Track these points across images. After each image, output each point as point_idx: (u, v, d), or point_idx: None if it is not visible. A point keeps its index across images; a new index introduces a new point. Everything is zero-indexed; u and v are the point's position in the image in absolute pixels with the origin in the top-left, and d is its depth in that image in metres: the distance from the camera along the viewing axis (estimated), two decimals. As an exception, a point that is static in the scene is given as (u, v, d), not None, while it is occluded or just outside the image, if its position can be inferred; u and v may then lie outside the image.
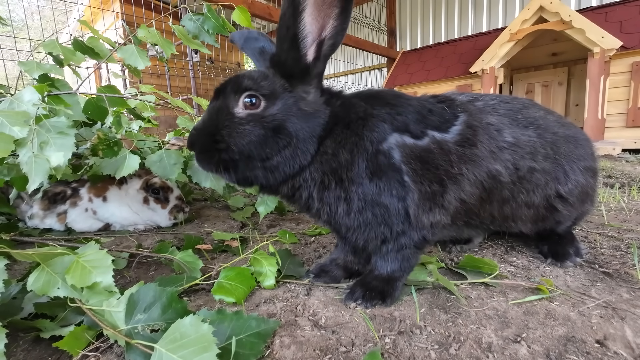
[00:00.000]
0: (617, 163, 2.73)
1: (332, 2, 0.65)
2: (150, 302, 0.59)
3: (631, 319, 0.66)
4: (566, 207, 0.89)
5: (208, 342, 0.49)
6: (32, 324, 0.65)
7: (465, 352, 0.58)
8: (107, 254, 0.65)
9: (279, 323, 0.65)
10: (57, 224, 1.38)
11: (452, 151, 0.75)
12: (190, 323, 0.51)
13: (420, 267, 0.85)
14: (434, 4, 6.42)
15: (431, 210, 0.73)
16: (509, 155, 0.80)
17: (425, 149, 0.73)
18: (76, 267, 0.62)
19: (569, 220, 0.94)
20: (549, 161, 0.85)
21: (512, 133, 0.82)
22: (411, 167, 0.71)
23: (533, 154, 0.83)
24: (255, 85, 0.70)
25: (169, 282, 0.81)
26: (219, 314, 0.61)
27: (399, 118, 0.75)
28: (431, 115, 0.79)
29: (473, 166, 0.76)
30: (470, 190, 0.76)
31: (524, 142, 0.83)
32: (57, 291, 0.61)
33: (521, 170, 0.81)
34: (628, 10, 3.64)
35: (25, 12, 3.16)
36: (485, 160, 0.77)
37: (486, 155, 0.77)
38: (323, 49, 0.69)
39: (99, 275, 0.62)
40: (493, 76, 4.11)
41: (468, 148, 0.76)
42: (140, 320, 0.57)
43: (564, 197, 0.87)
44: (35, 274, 0.62)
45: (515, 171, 0.80)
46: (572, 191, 0.88)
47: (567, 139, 0.90)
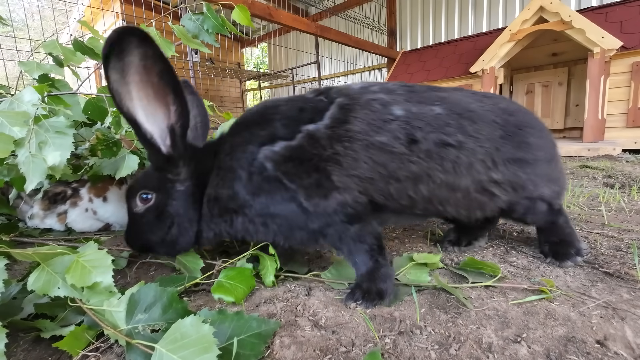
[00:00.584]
0: (617, 163, 2.73)
1: (161, 93, 0.71)
2: (151, 302, 0.59)
3: (631, 319, 0.65)
4: (507, 193, 0.86)
5: (209, 343, 0.48)
6: (32, 324, 0.65)
7: (465, 352, 0.58)
8: (107, 254, 0.65)
9: (279, 324, 0.65)
10: (58, 224, 1.38)
11: (323, 136, 0.77)
12: (191, 323, 0.51)
13: (420, 267, 0.85)
14: (434, 4, 6.42)
15: (327, 196, 0.76)
16: (398, 127, 0.79)
17: (296, 147, 0.77)
18: (76, 267, 0.62)
19: (524, 210, 0.91)
20: (471, 140, 0.82)
21: (404, 107, 0.82)
22: (284, 170, 0.76)
23: (439, 127, 0.81)
24: (143, 183, 0.85)
25: (170, 282, 0.81)
26: (220, 315, 0.61)
27: (262, 132, 0.81)
28: (303, 112, 0.82)
29: (350, 142, 0.77)
30: (359, 165, 0.77)
31: (423, 115, 0.81)
32: (57, 291, 0.61)
33: (422, 142, 0.79)
34: (628, 11, 3.64)
35: (26, 13, 3.16)
36: (364, 134, 0.78)
37: (364, 129, 0.78)
38: (176, 134, 0.76)
39: (99, 275, 0.62)
40: (493, 76, 4.11)
41: (340, 127, 0.78)
42: (141, 320, 0.57)
43: (498, 182, 0.85)
44: (36, 273, 0.62)
45: (411, 143, 0.78)
46: (506, 176, 0.85)
47: (504, 122, 0.88)
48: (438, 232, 1.21)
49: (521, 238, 1.13)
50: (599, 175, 2.27)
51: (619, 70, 3.44)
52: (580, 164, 2.75)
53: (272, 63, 9.52)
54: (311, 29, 4.36)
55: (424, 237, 1.17)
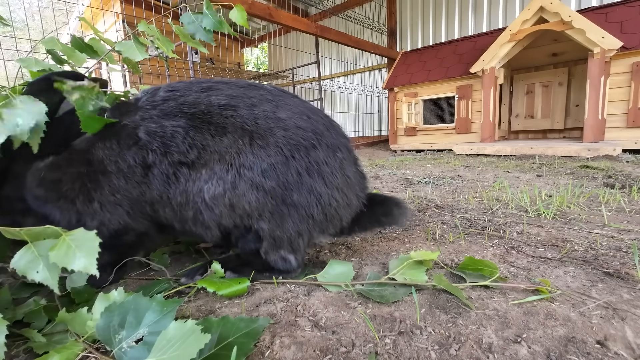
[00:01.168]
0: (617, 163, 2.73)
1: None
2: (125, 316, 0.58)
3: (632, 319, 0.65)
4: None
5: (194, 333, 0.49)
6: (19, 332, 0.64)
7: (465, 353, 0.58)
8: (95, 236, 0.61)
9: (269, 320, 0.65)
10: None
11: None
12: (174, 327, 0.50)
13: (418, 266, 0.84)
14: (434, 5, 6.42)
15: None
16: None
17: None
18: (61, 246, 0.59)
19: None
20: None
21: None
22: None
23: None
24: None
25: (151, 289, 0.80)
26: (205, 322, 0.60)
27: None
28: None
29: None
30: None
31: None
32: (35, 275, 0.57)
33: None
34: (628, 11, 3.64)
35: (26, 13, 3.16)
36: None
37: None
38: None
39: (83, 257, 0.58)
40: (493, 76, 4.11)
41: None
42: (124, 338, 0.55)
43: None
44: (22, 252, 0.59)
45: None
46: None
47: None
48: (438, 233, 1.21)
49: (521, 238, 1.13)
50: (599, 175, 2.27)
51: (619, 70, 3.44)
52: (580, 164, 2.75)
53: (272, 63, 9.53)
54: (311, 29, 4.36)
55: (424, 237, 1.17)
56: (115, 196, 0.81)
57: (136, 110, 0.84)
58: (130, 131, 0.81)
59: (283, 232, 0.81)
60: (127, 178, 0.80)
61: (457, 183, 2.24)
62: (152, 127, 0.81)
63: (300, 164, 0.79)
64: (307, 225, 0.82)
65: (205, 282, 0.79)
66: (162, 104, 0.84)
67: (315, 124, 0.86)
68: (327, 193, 0.82)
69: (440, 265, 0.93)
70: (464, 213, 1.46)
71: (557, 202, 1.53)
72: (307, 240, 0.86)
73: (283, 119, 0.83)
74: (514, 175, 2.49)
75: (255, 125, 0.81)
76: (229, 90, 0.86)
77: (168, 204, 0.83)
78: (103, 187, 0.80)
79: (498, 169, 2.82)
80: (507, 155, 3.75)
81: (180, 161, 0.80)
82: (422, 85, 4.92)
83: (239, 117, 0.81)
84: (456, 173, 2.68)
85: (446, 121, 4.79)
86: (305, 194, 0.79)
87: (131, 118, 0.83)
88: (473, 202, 1.65)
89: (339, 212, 0.86)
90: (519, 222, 1.29)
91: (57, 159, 0.80)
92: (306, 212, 0.80)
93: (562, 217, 1.34)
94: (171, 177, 0.81)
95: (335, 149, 0.86)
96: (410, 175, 2.66)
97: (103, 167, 0.80)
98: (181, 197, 0.82)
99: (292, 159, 0.79)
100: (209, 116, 0.81)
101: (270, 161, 0.78)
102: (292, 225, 0.80)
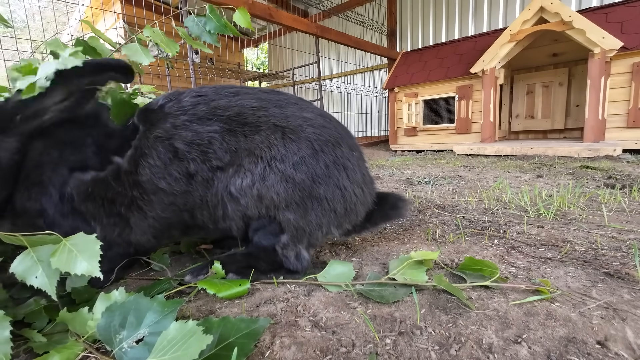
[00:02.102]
0: (617, 164, 2.73)
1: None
2: (136, 318, 0.58)
3: (632, 320, 0.65)
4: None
5: (195, 333, 0.49)
6: (19, 332, 0.64)
7: (465, 353, 0.58)
8: (96, 240, 0.61)
9: (269, 321, 0.65)
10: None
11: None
12: (175, 327, 0.50)
13: (418, 266, 0.84)
14: (434, 5, 6.42)
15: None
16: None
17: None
18: (62, 250, 0.59)
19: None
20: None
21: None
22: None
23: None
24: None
25: (152, 289, 0.80)
26: (206, 323, 0.59)
27: (72, 157, 0.81)
28: (111, 139, 0.85)
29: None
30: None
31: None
32: (34, 280, 0.58)
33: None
34: (629, 11, 3.64)
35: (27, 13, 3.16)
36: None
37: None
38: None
39: (85, 260, 0.59)
40: (494, 77, 4.11)
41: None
42: (125, 338, 0.55)
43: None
44: (21, 257, 0.59)
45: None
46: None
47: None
48: (438, 233, 1.21)
49: (522, 238, 1.12)
50: (600, 175, 2.27)
51: (619, 70, 3.44)
52: (580, 165, 2.74)
53: (272, 63, 9.53)
54: (311, 30, 4.36)
55: (425, 237, 1.17)
56: (164, 213, 0.84)
57: (165, 117, 0.84)
58: (166, 144, 0.82)
59: (306, 224, 0.84)
60: (175, 192, 0.83)
61: (458, 183, 2.24)
62: (189, 136, 0.82)
63: (329, 157, 0.83)
64: (328, 218, 0.85)
65: (206, 284, 0.79)
66: (193, 109, 0.85)
67: (336, 127, 0.92)
68: (350, 187, 0.86)
69: (440, 266, 0.93)
70: (464, 213, 1.46)
71: (558, 202, 1.53)
72: (325, 233, 0.88)
73: (310, 118, 0.88)
74: (514, 175, 2.49)
75: (287, 121, 0.85)
76: (256, 95, 0.90)
77: (206, 207, 0.86)
78: (155, 207, 0.83)
79: (498, 169, 2.82)
80: (507, 156, 3.75)
81: (218, 166, 0.83)
82: (423, 86, 4.92)
83: (271, 116, 0.85)
84: (456, 173, 2.68)
85: (446, 121, 4.79)
86: (332, 187, 0.83)
87: (162, 127, 0.83)
88: (473, 203, 1.65)
89: (357, 207, 0.90)
90: (519, 223, 1.29)
91: (105, 176, 0.81)
92: (330, 205, 0.84)
93: (562, 218, 1.34)
94: (210, 181, 0.84)
95: (353, 148, 0.92)
96: (410, 176, 2.66)
97: (154, 186, 0.82)
98: (215, 198, 0.85)
99: (322, 153, 0.83)
100: (243, 117, 0.84)
101: (301, 154, 0.81)
102: (314, 217, 0.83)
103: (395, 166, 3.41)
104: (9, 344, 0.50)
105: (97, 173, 0.81)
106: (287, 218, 0.83)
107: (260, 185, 0.80)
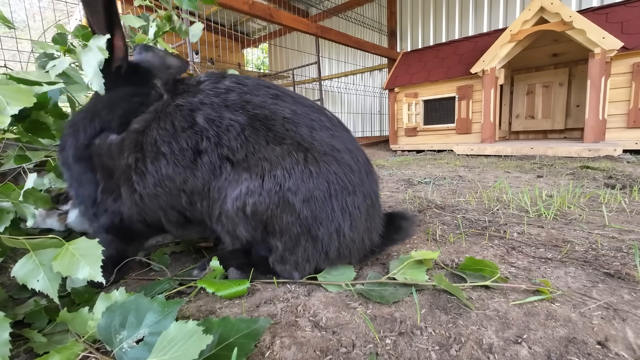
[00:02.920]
0: (618, 164, 2.73)
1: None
2: (135, 317, 0.57)
3: (632, 320, 0.65)
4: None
5: (196, 334, 0.49)
6: (19, 332, 0.64)
7: (466, 353, 0.58)
8: (98, 244, 0.62)
9: (269, 321, 0.65)
10: (57, 223, 1.38)
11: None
12: (175, 328, 0.50)
13: (418, 266, 0.84)
14: (434, 5, 6.43)
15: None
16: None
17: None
18: (64, 255, 0.60)
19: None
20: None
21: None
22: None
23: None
24: None
25: (152, 288, 0.80)
26: (206, 323, 0.60)
27: (106, 117, 0.86)
28: (135, 103, 0.89)
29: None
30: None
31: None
32: (35, 283, 0.58)
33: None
34: (629, 11, 3.64)
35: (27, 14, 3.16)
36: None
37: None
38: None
39: (87, 265, 0.59)
40: (494, 77, 4.11)
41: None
42: (125, 338, 0.55)
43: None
44: (23, 261, 0.59)
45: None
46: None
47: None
48: (438, 233, 1.21)
49: (522, 239, 1.12)
50: (600, 176, 2.27)
51: (619, 70, 3.44)
52: (581, 165, 2.74)
53: (272, 63, 9.53)
54: (312, 30, 4.36)
55: (425, 237, 1.17)
56: (156, 189, 0.83)
57: (196, 92, 0.85)
58: (186, 114, 0.82)
59: (292, 255, 0.82)
60: (176, 162, 0.81)
61: (458, 183, 2.24)
62: (212, 115, 0.81)
63: (339, 204, 0.79)
64: (318, 257, 0.82)
65: (205, 282, 0.79)
66: (225, 94, 0.84)
67: (360, 169, 0.85)
68: (350, 235, 0.82)
69: (440, 266, 0.93)
70: (464, 213, 1.46)
71: (558, 202, 1.53)
72: (314, 268, 0.85)
73: (339, 149, 0.83)
74: (515, 175, 2.49)
75: (312, 145, 0.80)
76: (294, 105, 0.86)
77: (207, 197, 0.84)
78: (147, 180, 0.83)
79: (498, 170, 2.82)
80: (507, 156, 3.75)
81: (229, 157, 0.80)
82: (423, 86, 4.92)
83: (298, 135, 0.81)
84: (457, 173, 2.68)
85: (446, 121, 4.79)
86: (332, 231, 0.79)
87: (188, 99, 0.84)
88: (473, 203, 1.65)
89: (352, 253, 0.86)
90: (519, 223, 1.29)
91: (119, 138, 0.85)
92: (323, 247, 0.81)
93: (562, 218, 1.34)
94: (217, 170, 0.81)
95: (368, 196, 0.86)
96: (410, 176, 2.66)
97: (156, 150, 0.81)
98: (218, 193, 0.82)
99: (335, 199, 0.79)
100: (271, 123, 0.81)
101: (315, 194, 0.77)
102: (303, 253, 0.81)
103: (396, 166, 3.41)
104: (7, 346, 0.50)
105: (116, 135, 0.84)
106: (277, 245, 0.81)
107: (273, 212, 0.77)
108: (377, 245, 0.93)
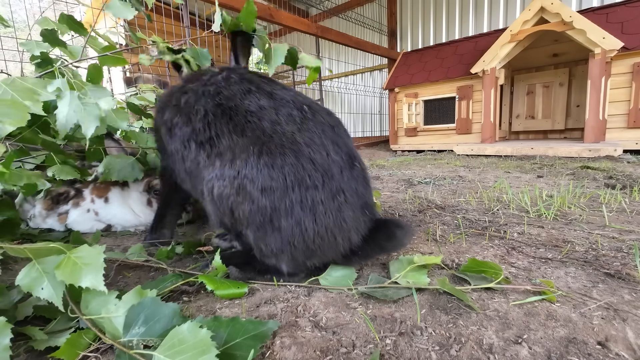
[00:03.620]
0: (618, 164, 2.73)
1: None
2: (151, 316, 0.58)
3: (633, 320, 0.65)
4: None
5: (207, 346, 0.48)
6: (21, 330, 0.64)
7: (466, 354, 0.58)
8: (100, 252, 0.62)
9: (278, 324, 0.65)
10: (57, 223, 1.38)
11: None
12: (188, 329, 0.50)
13: (420, 269, 0.84)
14: (434, 5, 6.42)
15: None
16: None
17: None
18: (67, 263, 0.60)
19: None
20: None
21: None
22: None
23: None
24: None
25: (156, 285, 0.80)
26: (215, 321, 0.60)
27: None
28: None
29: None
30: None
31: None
32: (40, 291, 0.58)
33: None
34: (629, 11, 3.64)
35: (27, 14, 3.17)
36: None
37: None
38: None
39: (90, 273, 0.59)
40: (494, 77, 4.11)
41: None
42: (138, 334, 0.56)
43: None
44: (26, 269, 0.59)
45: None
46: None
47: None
48: (439, 233, 1.21)
49: (522, 239, 1.12)
50: (600, 176, 2.27)
51: (620, 71, 3.44)
52: (581, 165, 2.74)
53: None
54: (312, 30, 4.36)
55: (425, 237, 1.17)
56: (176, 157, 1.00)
57: (195, 80, 1.01)
58: (179, 95, 0.99)
59: (266, 246, 0.82)
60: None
61: (458, 184, 2.24)
62: (191, 100, 0.95)
63: (297, 197, 0.78)
64: (289, 248, 0.81)
65: (206, 278, 0.79)
66: (208, 85, 0.97)
67: (331, 164, 0.83)
68: (314, 229, 0.80)
69: (440, 266, 0.93)
70: (464, 214, 1.46)
71: (558, 202, 1.53)
72: (292, 258, 0.84)
73: (300, 143, 0.82)
74: (515, 175, 2.49)
75: (270, 138, 0.82)
76: (267, 101, 0.90)
77: (193, 176, 0.96)
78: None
79: (499, 170, 2.82)
80: (507, 156, 3.75)
81: (198, 140, 0.90)
82: (423, 86, 4.92)
83: (259, 128, 0.84)
84: (457, 173, 2.68)
85: (447, 122, 4.79)
86: (292, 223, 0.79)
87: (188, 85, 1.00)
88: (474, 203, 1.65)
89: (322, 250, 0.83)
90: (519, 223, 1.29)
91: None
92: (289, 240, 0.80)
93: (562, 218, 1.34)
94: (198, 150, 0.92)
95: (339, 193, 0.82)
96: (410, 176, 2.66)
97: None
98: (200, 174, 0.91)
99: (291, 191, 0.78)
100: (233, 113, 0.89)
101: (270, 184, 0.77)
102: (274, 243, 0.81)
103: (396, 166, 3.41)
104: (8, 352, 0.51)
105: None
106: (249, 235, 0.83)
107: (235, 199, 0.81)
108: (360, 248, 0.89)
